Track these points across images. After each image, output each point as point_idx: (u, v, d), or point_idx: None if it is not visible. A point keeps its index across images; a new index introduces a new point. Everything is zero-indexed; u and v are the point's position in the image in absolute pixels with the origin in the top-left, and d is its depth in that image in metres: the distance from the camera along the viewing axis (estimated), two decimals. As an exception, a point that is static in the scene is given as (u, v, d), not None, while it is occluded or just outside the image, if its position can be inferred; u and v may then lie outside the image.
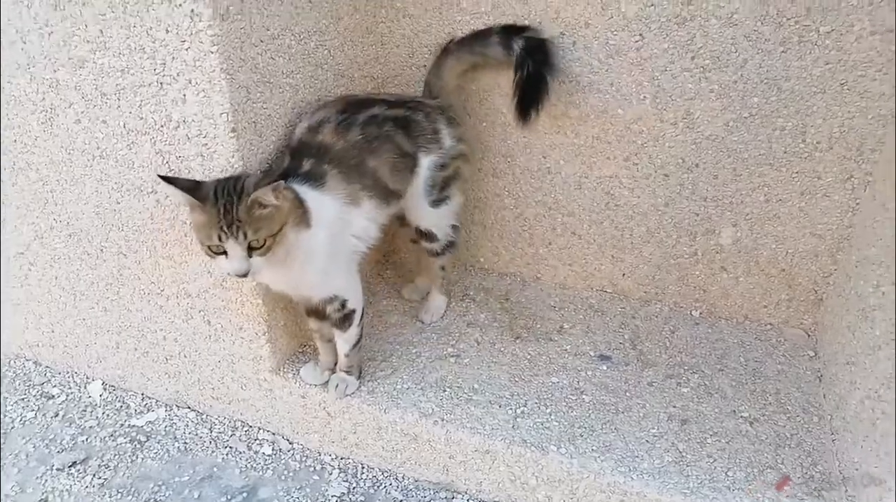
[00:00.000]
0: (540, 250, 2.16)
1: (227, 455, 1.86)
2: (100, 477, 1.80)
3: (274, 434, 1.92)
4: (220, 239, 1.33)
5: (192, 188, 1.37)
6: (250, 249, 1.35)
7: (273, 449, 1.88)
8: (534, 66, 1.76)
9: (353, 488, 1.76)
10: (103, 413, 1.98)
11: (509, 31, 1.79)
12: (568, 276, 2.17)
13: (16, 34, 1.52)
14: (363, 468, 1.81)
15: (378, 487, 1.76)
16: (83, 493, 1.76)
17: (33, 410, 1.99)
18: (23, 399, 2.02)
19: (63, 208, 1.76)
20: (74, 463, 1.83)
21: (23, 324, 2.08)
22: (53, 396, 2.04)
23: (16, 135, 1.69)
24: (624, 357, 1.88)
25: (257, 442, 1.90)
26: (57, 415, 1.97)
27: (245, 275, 1.35)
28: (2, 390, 2.05)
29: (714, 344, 1.93)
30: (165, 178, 1.37)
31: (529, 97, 1.80)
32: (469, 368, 1.84)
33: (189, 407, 2.00)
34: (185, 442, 1.90)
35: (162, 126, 1.51)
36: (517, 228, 2.15)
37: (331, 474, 1.80)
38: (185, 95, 1.44)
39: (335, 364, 1.78)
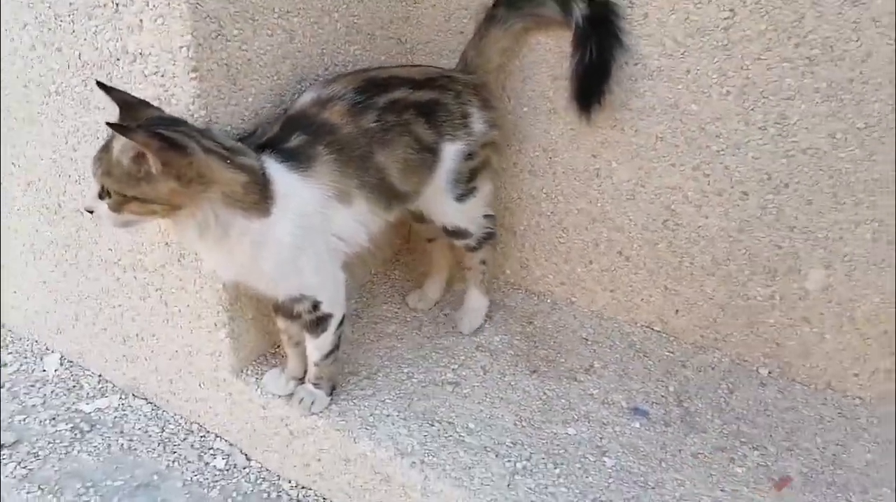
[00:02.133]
0: (577, 269, 1.79)
1: (173, 462, 1.58)
2: (24, 467, 1.55)
3: (231, 445, 1.62)
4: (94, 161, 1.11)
5: (130, 104, 1.11)
6: (103, 190, 1.09)
7: (226, 464, 1.58)
8: (597, 48, 1.42)
9: (306, 527, 1.44)
10: (52, 391, 1.74)
11: None
12: (608, 305, 1.79)
13: (-32, -65, 1.29)
14: (324, 503, 1.50)
15: (336, 531, 1.44)
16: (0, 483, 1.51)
17: (-21, 378, 1.77)
18: (-28, 363, 1.81)
19: (21, 151, 1.53)
20: (2, 446, 1.59)
21: (-13, 280, 1.87)
22: (6, 364, 1.81)
23: (-26, 60, 1.46)
24: (665, 415, 1.50)
25: (210, 452, 1.61)
26: (2, 387, 1.74)
27: (91, 213, 1.12)
28: (-45, 350, 1.85)
29: (783, 413, 1.51)
30: (102, 86, 1.11)
31: (591, 84, 1.46)
32: (468, 401, 1.50)
33: (145, 399, 1.73)
34: (131, 440, 1.63)
35: (118, 59, 1.24)
36: (553, 239, 1.79)
37: (284, 505, 1.49)
38: (141, 21, 1.17)
39: (305, 373, 1.47)
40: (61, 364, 1.81)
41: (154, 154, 1.02)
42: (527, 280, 1.88)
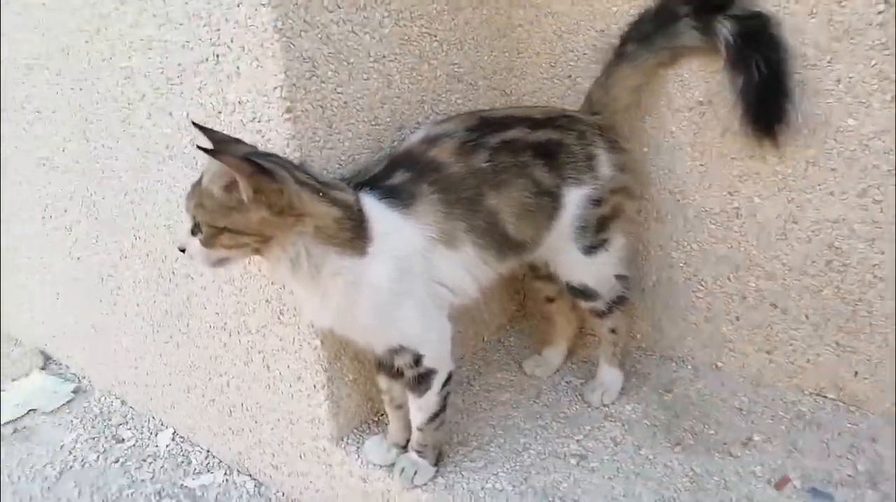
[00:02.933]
0: (722, 328, 1.53)
1: (271, 545, 1.45)
2: (126, 544, 1.48)
3: (333, 528, 1.47)
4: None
5: (224, 142, 1.08)
6: (196, 226, 1.06)
7: (326, 549, 1.43)
8: (766, 63, 1.25)
9: None
10: (161, 466, 1.70)
11: (704, 9, 1.30)
12: (764, 369, 1.50)
13: (99, 20, 1.39)
14: None
15: None
16: (101, 561, 1.45)
17: (97, 452, 1.76)
18: (94, 438, 1.82)
19: (141, 222, 1.57)
20: (108, 521, 1.54)
21: (113, 357, 1.91)
22: (123, 440, 1.81)
23: (102, 140, 1.55)
24: (856, 499, 1.17)
25: (311, 535, 1.47)
26: (117, 462, 1.73)
27: (183, 252, 1.09)
28: (80, 426, 1.87)
29: None
30: (197, 125, 1.09)
31: (769, 103, 1.29)
32: (596, 476, 1.26)
33: (249, 475, 1.64)
34: (232, 519, 1.53)
35: (220, 112, 1.25)
36: (688, 295, 1.56)
37: None
38: (238, 67, 1.17)
39: (408, 441, 1.31)
40: (173, 439, 1.78)
41: (246, 179, 0.98)
42: (661, 344, 1.64)
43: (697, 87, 1.41)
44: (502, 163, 1.22)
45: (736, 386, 1.49)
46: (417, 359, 1.19)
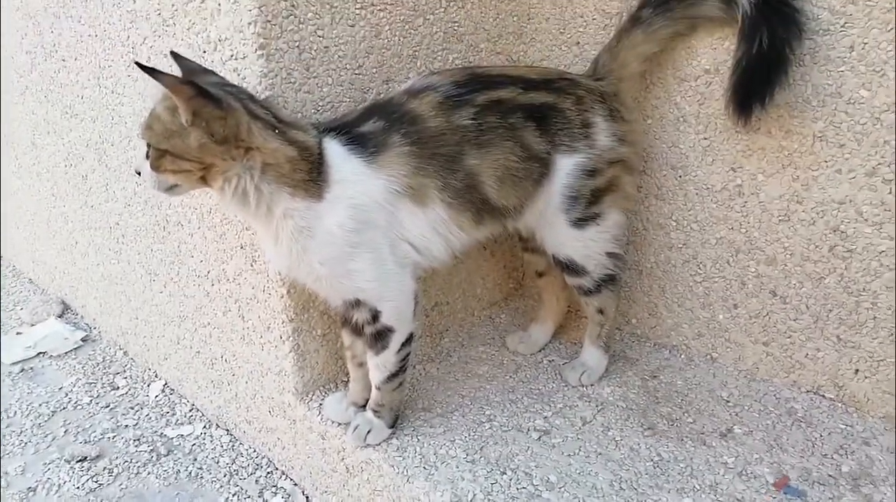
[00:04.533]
0: (719, 315, 1.44)
1: (233, 495, 1.44)
2: (96, 481, 1.50)
3: (295, 484, 1.45)
4: None
5: (194, 72, 1.08)
6: (148, 148, 1.07)
7: (284, 505, 1.41)
8: (769, 37, 1.17)
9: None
10: (147, 415, 1.72)
11: None
12: (761, 362, 1.40)
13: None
14: (377, 564, 1.24)
15: None
16: (70, 493, 1.47)
17: (91, 397, 1.80)
18: (91, 383, 1.86)
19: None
20: (85, 458, 1.56)
21: (119, 307, 1.96)
22: (118, 387, 1.84)
23: (112, 86, 1.60)
24: (832, 499, 1.07)
25: (272, 489, 1.45)
26: (107, 407, 1.76)
27: (139, 175, 1.10)
28: (81, 371, 1.92)
29: None
30: (175, 55, 1.10)
31: (755, 80, 1.21)
32: (555, 452, 1.20)
33: (226, 429, 1.64)
34: (200, 468, 1.52)
35: (204, 51, 1.26)
36: (686, 279, 1.47)
37: (333, 559, 1.26)
38: (219, 4, 1.17)
39: (367, 400, 1.28)
40: (163, 390, 1.81)
41: (185, 101, 0.98)
42: (656, 330, 1.55)
43: (705, 54, 1.34)
44: (488, 122, 1.18)
45: (728, 378, 1.40)
46: (375, 316, 1.16)
